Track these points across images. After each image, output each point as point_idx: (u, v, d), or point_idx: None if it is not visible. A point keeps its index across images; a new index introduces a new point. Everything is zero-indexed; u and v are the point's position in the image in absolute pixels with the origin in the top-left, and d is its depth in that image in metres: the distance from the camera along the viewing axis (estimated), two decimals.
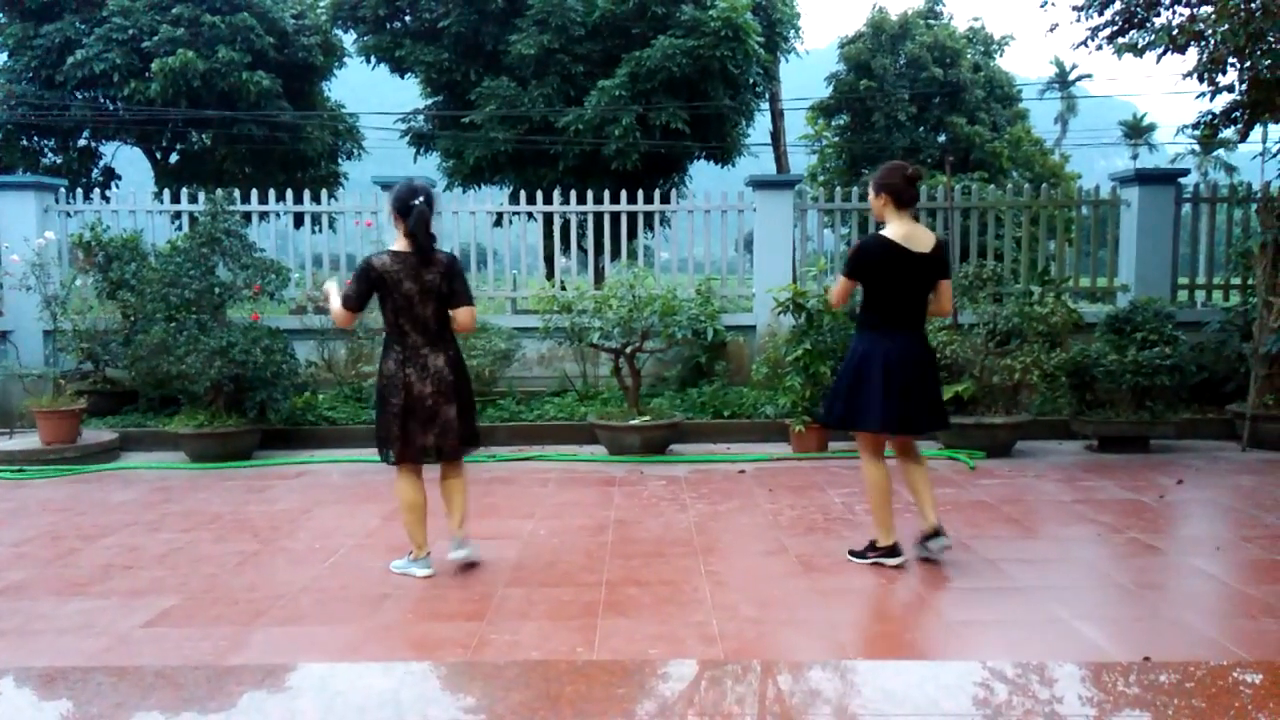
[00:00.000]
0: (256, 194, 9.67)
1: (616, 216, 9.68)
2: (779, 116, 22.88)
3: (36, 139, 21.97)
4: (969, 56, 26.92)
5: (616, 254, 9.71)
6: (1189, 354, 7.68)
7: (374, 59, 19.18)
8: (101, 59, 19.37)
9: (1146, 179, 9.33)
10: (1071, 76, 61.89)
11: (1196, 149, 48.49)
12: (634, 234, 9.85)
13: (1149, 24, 8.39)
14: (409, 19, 18.69)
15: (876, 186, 4.46)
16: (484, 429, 7.90)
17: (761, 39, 17.84)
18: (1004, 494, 6.12)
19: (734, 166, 19.97)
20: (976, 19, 28.88)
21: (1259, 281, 7.91)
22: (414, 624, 3.93)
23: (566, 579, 4.45)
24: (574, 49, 17.17)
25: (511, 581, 4.42)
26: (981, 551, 4.84)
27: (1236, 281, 9.37)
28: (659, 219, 13.11)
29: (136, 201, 9.76)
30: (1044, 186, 10.26)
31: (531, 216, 10.40)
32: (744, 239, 10.01)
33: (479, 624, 3.87)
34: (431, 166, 20.01)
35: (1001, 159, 25.68)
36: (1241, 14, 7.11)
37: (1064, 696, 3.17)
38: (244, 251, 8.00)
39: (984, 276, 7.90)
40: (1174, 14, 8.26)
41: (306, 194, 9.86)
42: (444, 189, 18.57)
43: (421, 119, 20.18)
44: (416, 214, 4.33)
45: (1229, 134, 9.24)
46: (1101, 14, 8.58)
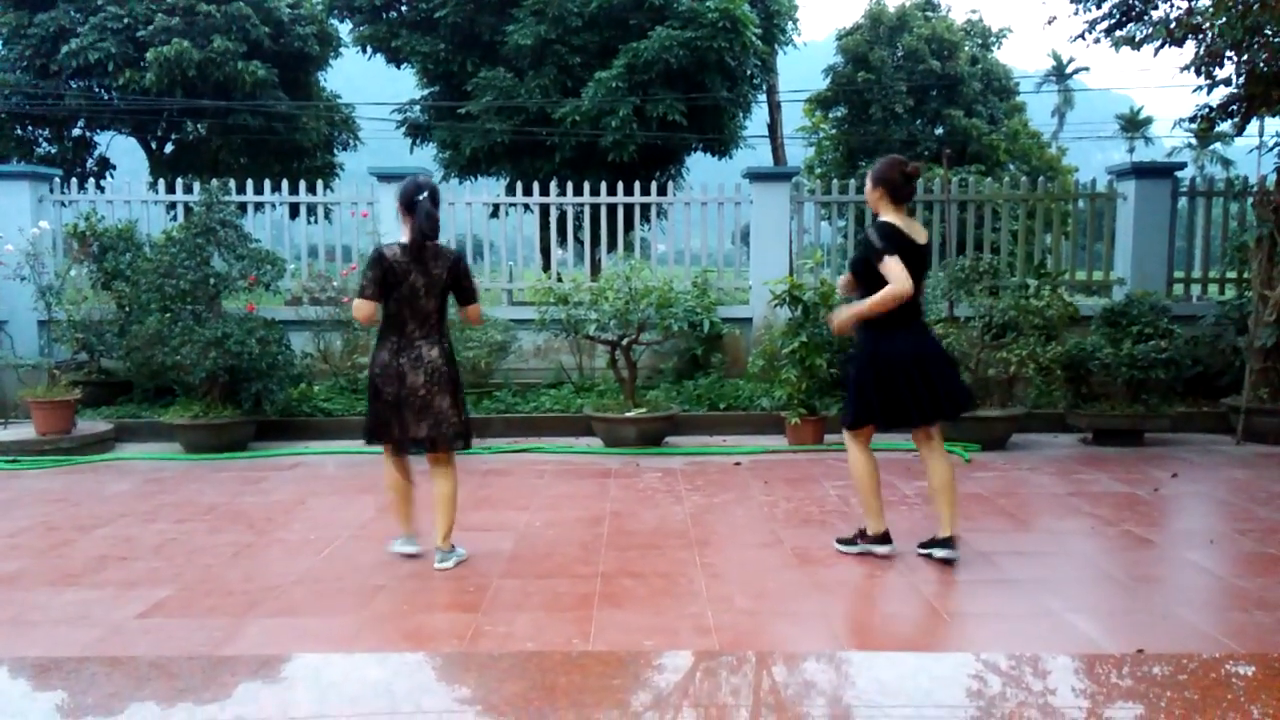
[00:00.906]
0: (252, 184, 9.63)
1: (613, 208, 9.66)
2: (776, 109, 22.85)
3: (31, 128, 21.87)
4: (967, 49, 26.89)
5: (613, 246, 9.70)
6: (1184, 347, 7.69)
7: (370, 49, 19.11)
8: (96, 48, 19.28)
9: (1143, 172, 9.33)
10: (1069, 70, 61.84)
11: (1193, 143, 48.45)
12: (631, 226, 9.84)
13: (1146, 17, 8.38)
14: (405, 9, 18.63)
15: (874, 180, 4.45)
16: (480, 421, 7.93)
17: (759, 31, 17.80)
18: (999, 487, 6.13)
19: (731, 159, 19.95)
20: (974, 11, 28.88)
21: (1254, 275, 7.92)
22: (409, 615, 3.93)
23: (562, 570, 4.46)
24: (571, 40, 17.12)
25: (507, 573, 4.43)
26: (976, 544, 4.85)
27: (1232, 275, 9.38)
28: (656, 211, 13.10)
29: (131, 191, 9.72)
30: (1041, 180, 10.26)
31: (528, 208, 10.37)
32: (741, 231, 10.01)
33: (474, 615, 3.88)
34: (428, 157, 19.97)
35: (999, 152, 25.67)
36: (1239, 7, 7.10)
37: (1057, 688, 3.18)
38: (239, 242, 7.97)
39: (980, 269, 7.90)
40: (1171, 7, 8.25)
41: (302, 185, 9.82)
42: (440, 180, 18.52)
43: (418, 110, 20.13)
44: (423, 210, 4.37)
45: (1226, 128, 9.25)
46: (1099, 7, 8.57)
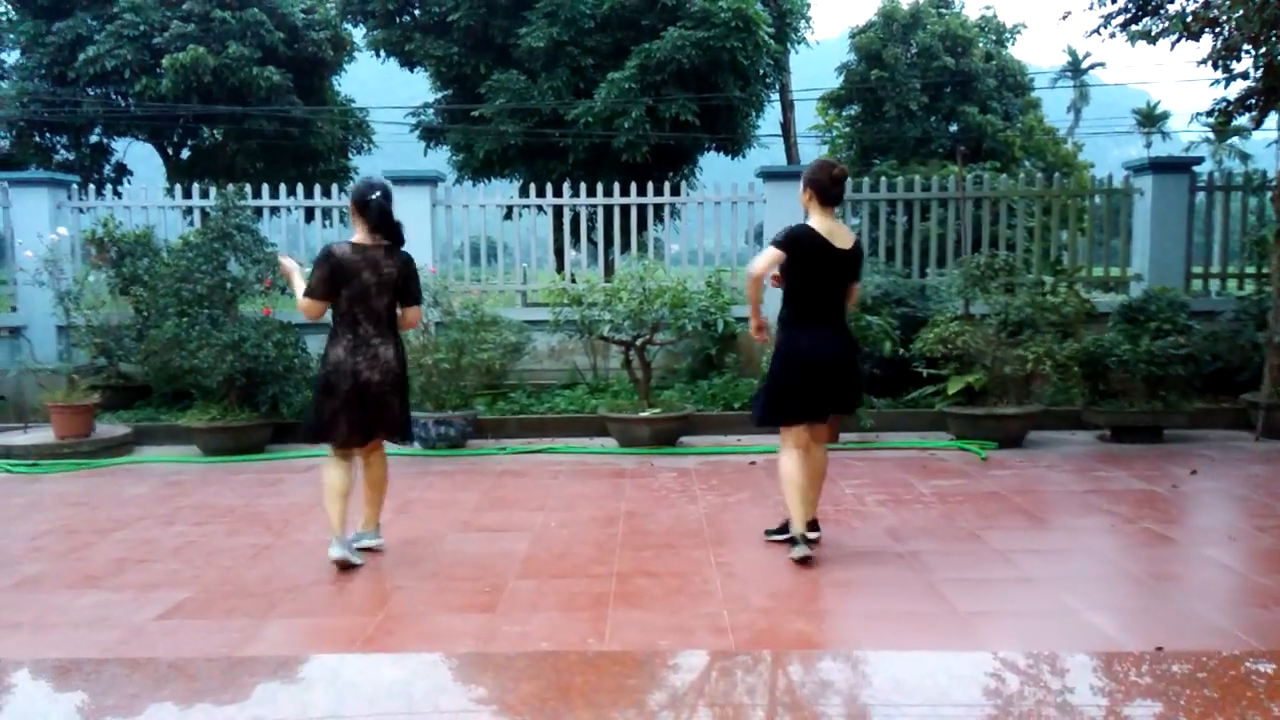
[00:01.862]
0: (267, 189, 9.70)
1: (626, 209, 9.66)
2: (789, 107, 22.81)
3: (49, 136, 22.08)
4: (981, 45, 26.72)
5: (626, 246, 9.70)
6: (1203, 343, 7.63)
7: (384, 53, 19.18)
8: (113, 55, 19.44)
9: (1160, 167, 9.27)
10: (1084, 65, 61.41)
11: (1211, 137, 48.08)
12: (644, 226, 9.85)
13: (1162, 11, 8.31)
14: (418, 13, 18.68)
15: (804, 182, 4.56)
16: (494, 421, 7.96)
17: (772, 30, 17.76)
18: (1016, 485, 6.10)
19: (744, 158, 19.90)
20: (988, 7, 28.65)
21: (1273, 270, 7.85)
22: (425, 616, 3.94)
23: (577, 571, 4.46)
24: (583, 41, 17.13)
25: (522, 573, 4.43)
26: (993, 542, 4.82)
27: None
28: (669, 211, 13.11)
29: (148, 197, 9.80)
30: (1056, 176, 10.20)
31: (541, 209, 10.39)
32: (754, 231, 9.99)
33: (490, 615, 3.89)
34: (441, 160, 20.02)
35: (1014, 148, 25.50)
36: (1256, 0, 7.04)
37: (1076, 686, 3.17)
38: (255, 246, 8.03)
39: (996, 267, 7.86)
40: (1188, 0, 8.19)
41: (317, 189, 9.88)
42: (454, 182, 18.52)
43: (431, 113, 20.18)
44: (374, 207, 4.42)
45: (1243, 121, 9.16)
46: (1115, 1, 8.51)
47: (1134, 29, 8.40)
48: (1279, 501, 5.59)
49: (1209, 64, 8.02)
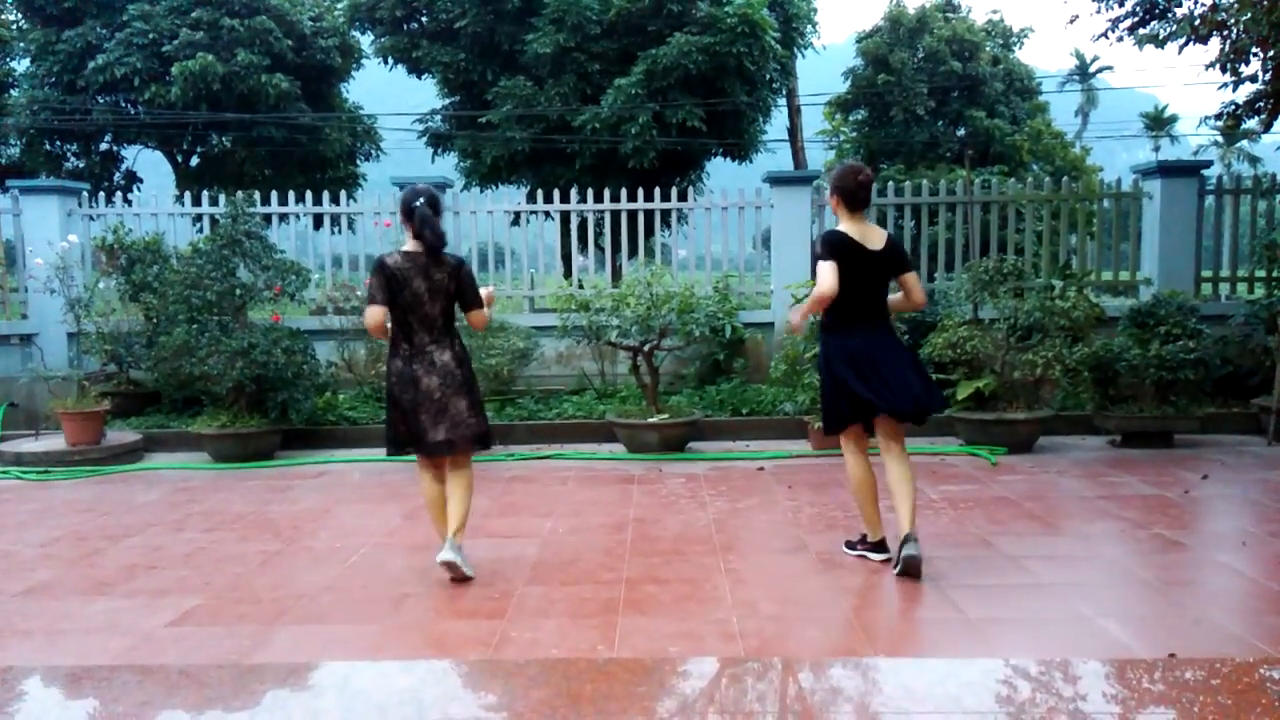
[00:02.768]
0: (276, 196, 9.73)
1: (634, 214, 9.67)
2: (796, 112, 22.79)
3: (59, 143, 22.18)
4: (988, 49, 26.70)
5: (634, 252, 9.71)
6: (1213, 348, 7.60)
7: (391, 60, 19.24)
8: (122, 63, 19.54)
9: (1169, 171, 9.24)
10: (1092, 69, 61.28)
11: (1219, 140, 47.89)
12: (651, 232, 9.84)
13: (1170, 14, 8.31)
14: (426, 20, 18.74)
15: (831, 188, 4.59)
16: (502, 427, 7.96)
17: (778, 35, 17.76)
18: (1026, 490, 6.08)
19: (751, 163, 19.89)
20: (995, 11, 28.64)
21: None
22: (435, 622, 3.94)
23: (586, 577, 4.46)
24: (590, 47, 17.16)
25: (532, 580, 4.43)
26: (1004, 548, 4.81)
27: (1261, 274, 9.26)
28: (676, 216, 13.13)
29: (158, 204, 9.85)
30: (1065, 180, 10.18)
31: (549, 215, 10.41)
32: (762, 236, 9.98)
33: (500, 622, 3.89)
34: (449, 166, 20.07)
35: (1021, 152, 25.46)
36: (1264, 3, 7.02)
37: (1088, 694, 3.15)
38: (264, 253, 8.05)
39: (1004, 271, 7.84)
40: (1195, 4, 8.18)
41: (326, 195, 9.92)
42: (461, 189, 18.62)
43: (439, 119, 20.24)
44: (419, 216, 4.43)
45: (1252, 125, 9.14)
46: (1122, 5, 8.51)
47: (1141, 33, 8.39)
48: None
49: (1217, 67, 8.01)
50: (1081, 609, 3.92)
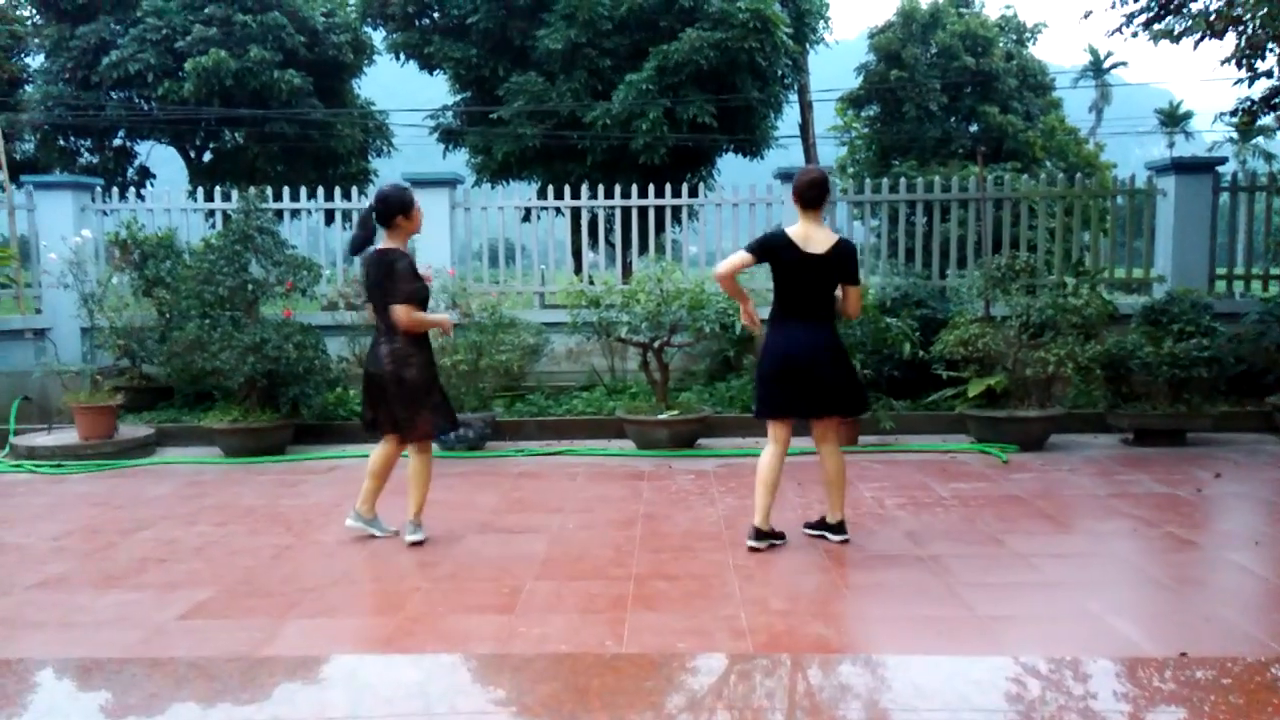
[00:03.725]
0: (288, 191, 9.76)
1: (644, 211, 9.66)
2: (808, 108, 22.75)
3: (73, 139, 22.34)
4: (1001, 45, 26.55)
5: (644, 248, 9.70)
6: (1227, 345, 7.55)
7: (403, 56, 19.29)
8: (136, 59, 19.65)
9: (1183, 168, 9.17)
10: (1106, 64, 60.88)
11: (1234, 137, 47.49)
12: (662, 228, 9.84)
13: (1185, 9, 8.25)
14: (437, 16, 18.78)
15: (792, 189, 4.83)
16: (513, 423, 7.97)
17: (790, 30, 17.73)
18: (1037, 488, 6.05)
19: (762, 159, 19.88)
20: (1009, 7, 28.45)
21: None
22: (444, 616, 3.95)
23: (595, 572, 4.46)
24: (601, 43, 17.16)
25: (540, 575, 4.44)
26: (1014, 546, 4.79)
27: (1276, 272, 9.20)
28: (687, 213, 13.11)
29: (171, 200, 9.88)
30: (1078, 176, 10.12)
31: (559, 211, 10.40)
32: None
33: (508, 617, 3.89)
34: (460, 162, 20.11)
35: (1035, 149, 25.31)
36: None
37: (1098, 692, 3.14)
38: (276, 248, 8.07)
39: (1017, 268, 7.81)
40: None
41: (337, 191, 9.93)
42: (473, 185, 18.65)
43: (450, 115, 20.27)
44: (359, 218, 4.94)
45: (1268, 121, 9.08)
46: (1137, 0, 8.45)
47: (1156, 28, 8.34)
48: None
49: (1232, 63, 7.97)
50: (1092, 607, 3.90)
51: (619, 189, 9.72)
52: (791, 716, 2.97)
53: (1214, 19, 7.65)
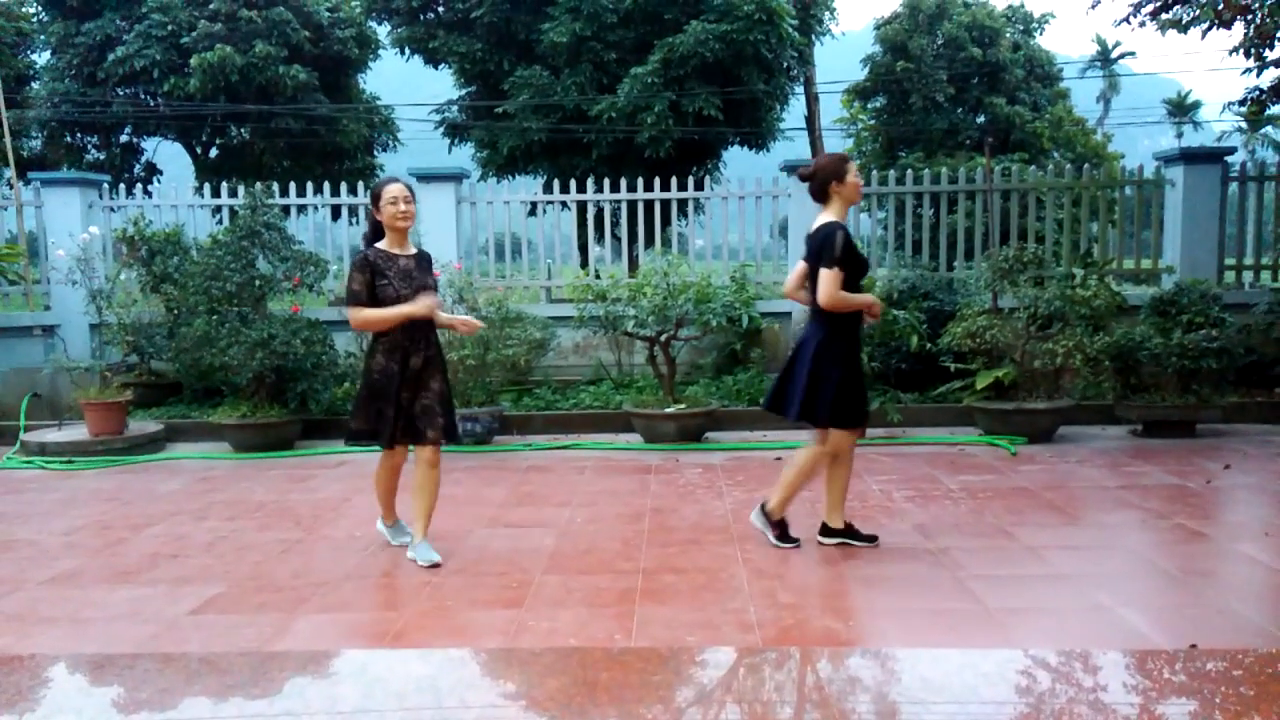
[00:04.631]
0: (294, 187, 9.78)
1: (650, 204, 9.65)
2: (814, 100, 22.68)
3: (80, 136, 22.39)
4: (1008, 35, 26.45)
5: (650, 242, 9.69)
6: (1236, 336, 7.52)
7: (408, 51, 19.28)
8: (141, 55, 19.67)
9: (1192, 158, 9.13)
10: (1114, 54, 60.59)
11: (1243, 126, 47.26)
12: (668, 221, 9.82)
13: None
14: (442, 10, 18.76)
15: None
16: (520, 418, 7.98)
17: (795, 22, 17.67)
18: (1046, 480, 6.04)
19: (768, 152, 19.82)
20: None
21: None
22: (453, 611, 3.96)
23: (603, 566, 4.47)
24: (606, 36, 17.12)
25: (549, 569, 4.45)
26: (1023, 538, 4.78)
27: None
28: (693, 206, 13.05)
29: (178, 196, 9.90)
30: (1086, 167, 10.07)
31: (565, 205, 10.40)
32: (779, 225, 9.95)
33: (517, 611, 3.90)
34: (466, 157, 20.10)
35: (1042, 139, 25.22)
36: None
37: (1108, 684, 3.13)
38: (283, 244, 8.09)
39: (1025, 259, 7.78)
40: None
41: (344, 187, 9.94)
42: (478, 179, 18.66)
43: (456, 110, 20.26)
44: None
45: (1277, 110, 9.02)
46: None
47: (1164, 17, 8.28)
48: None
49: (1241, 52, 7.91)
50: (1101, 599, 3.90)
51: (625, 182, 9.71)
52: (800, 710, 2.97)
53: (1222, 8, 7.59)
